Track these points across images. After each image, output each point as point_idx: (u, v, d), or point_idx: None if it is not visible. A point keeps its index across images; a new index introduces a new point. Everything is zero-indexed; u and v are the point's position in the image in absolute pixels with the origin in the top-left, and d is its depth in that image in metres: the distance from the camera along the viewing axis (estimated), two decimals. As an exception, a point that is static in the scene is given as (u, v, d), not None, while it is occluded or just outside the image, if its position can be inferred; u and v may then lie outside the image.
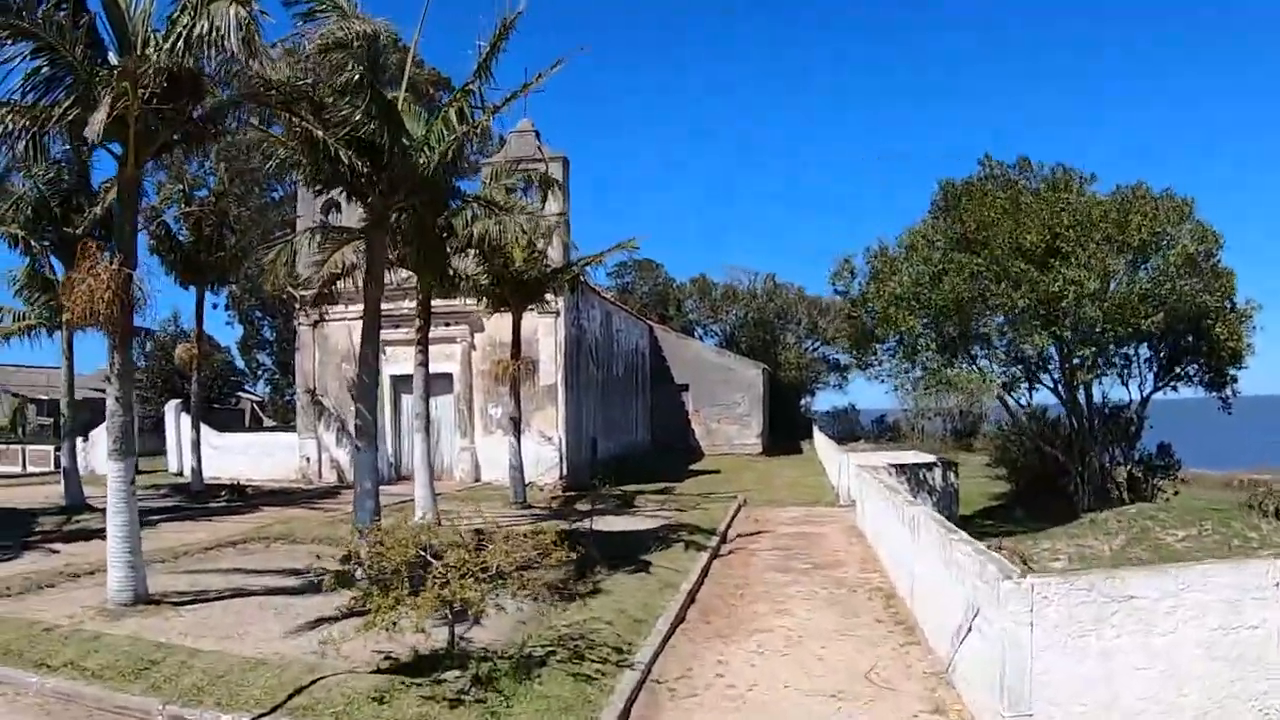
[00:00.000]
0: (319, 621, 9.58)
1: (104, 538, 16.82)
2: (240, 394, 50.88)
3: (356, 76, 10.78)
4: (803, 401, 55.23)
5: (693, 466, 33.68)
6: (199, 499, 23.51)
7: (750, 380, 41.41)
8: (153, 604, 10.84)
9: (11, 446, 36.78)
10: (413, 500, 17.74)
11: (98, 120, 8.99)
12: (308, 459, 27.90)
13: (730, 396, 41.01)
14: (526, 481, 22.54)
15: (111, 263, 10.34)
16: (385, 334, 26.91)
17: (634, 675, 8.36)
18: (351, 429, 27.20)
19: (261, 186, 41.65)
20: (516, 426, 21.46)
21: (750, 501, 22.80)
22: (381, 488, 25.83)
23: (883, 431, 55.52)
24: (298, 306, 27.86)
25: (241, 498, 23.67)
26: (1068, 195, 25.36)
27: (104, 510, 20.48)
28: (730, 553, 15.65)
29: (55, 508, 20.96)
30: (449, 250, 17.27)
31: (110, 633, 9.49)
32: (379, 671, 8.07)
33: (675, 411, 40.76)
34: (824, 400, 58.18)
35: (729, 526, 18.28)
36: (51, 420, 43.96)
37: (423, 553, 8.48)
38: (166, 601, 11.01)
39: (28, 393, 44.27)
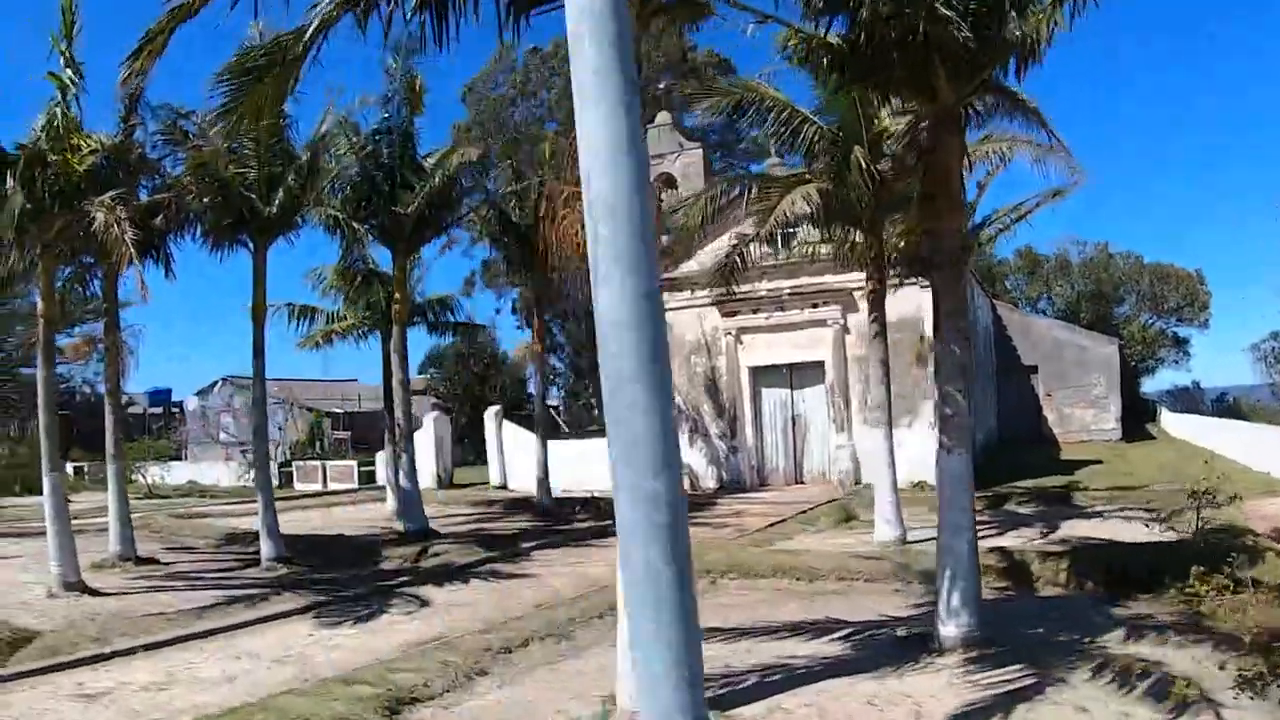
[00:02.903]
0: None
1: (483, 578, 13.46)
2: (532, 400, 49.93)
3: None
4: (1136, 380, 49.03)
5: (1063, 457, 29.27)
6: (551, 517, 21.02)
7: (1106, 358, 35.71)
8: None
9: (310, 463, 36.24)
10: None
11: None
12: (652, 465, 24.94)
13: (1085, 378, 35.49)
14: (915, 481, 19.65)
15: None
16: (741, 320, 23.94)
17: None
18: (709, 428, 24.13)
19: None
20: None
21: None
22: (740, 495, 23.04)
23: (1223, 411, 49.41)
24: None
25: (600, 515, 21.02)
26: None
27: (450, 537, 17.03)
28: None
29: (393, 534, 18.04)
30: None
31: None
32: None
33: (1024, 397, 35.54)
34: (1162, 379, 51.81)
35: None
36: (348, 434, 44.04)
37: None
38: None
39: (321, 407, 44.60)
